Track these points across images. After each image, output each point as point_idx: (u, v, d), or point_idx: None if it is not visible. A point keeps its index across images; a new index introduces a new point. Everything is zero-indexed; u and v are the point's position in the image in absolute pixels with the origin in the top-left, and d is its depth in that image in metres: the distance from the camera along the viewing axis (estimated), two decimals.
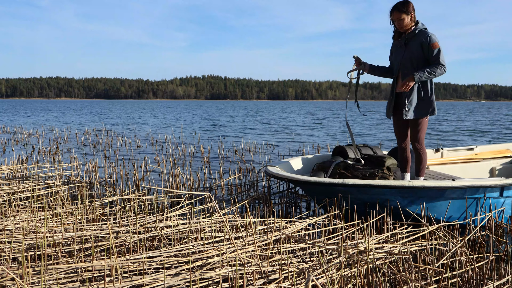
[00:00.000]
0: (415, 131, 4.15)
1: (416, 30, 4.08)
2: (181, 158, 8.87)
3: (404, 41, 4.16)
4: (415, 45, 4.05)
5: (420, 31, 4.07)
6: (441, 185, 3.74)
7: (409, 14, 4.05)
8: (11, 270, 2.47)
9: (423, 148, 4.18)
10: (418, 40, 4.04)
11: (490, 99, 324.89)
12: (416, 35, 4.08)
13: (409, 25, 4.09)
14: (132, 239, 3.01)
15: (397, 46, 4.25)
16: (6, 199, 4.23)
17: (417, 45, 4.04)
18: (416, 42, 4.06)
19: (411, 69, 4.09)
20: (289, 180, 3.96)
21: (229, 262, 2.61)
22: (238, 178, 6.29)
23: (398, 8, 4.05)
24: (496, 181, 3.83)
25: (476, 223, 3.89)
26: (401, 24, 4.09)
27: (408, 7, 4.04)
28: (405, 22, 4.07)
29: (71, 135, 14.57)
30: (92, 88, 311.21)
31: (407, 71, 4.11)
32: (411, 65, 4.09)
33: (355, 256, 2.57)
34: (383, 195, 3.82)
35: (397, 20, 4.09)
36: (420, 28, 4.08)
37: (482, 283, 2.66)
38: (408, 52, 4.10)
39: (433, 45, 3.98)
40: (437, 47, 3.98)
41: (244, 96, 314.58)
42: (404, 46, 4.16)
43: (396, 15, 4.07)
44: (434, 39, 3.99)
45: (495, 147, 5.75)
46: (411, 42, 4.10)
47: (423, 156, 4.19)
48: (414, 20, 4.10)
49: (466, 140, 13.94)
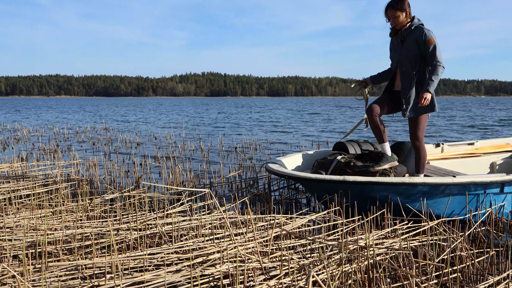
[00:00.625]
0: (414, 128, 4.13)
1: (412, 26, 4.04)
2: (181, 155, 8.87)
3: (400, 38, 4.13)
4: (411, 41, 4.01)
5: (416, 27, 4.02)
6: (441, 181, 3.74)
7: (404, 11, 4.01)
8: (11, 267, 2.47)
9: (422, 145, 4.17)
10: (414, 36, 4.00)
11: (490, 94, 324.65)
12: (412, 31, 4.04)
13: (404, 22, 4.06)
14: (133, 236, 3.01)
15: (394, 43, 4.21)
16: (7, 197, 4.23)
17: (413, 41, 3.99)
18: (412, 39, 4.01)
19: (409, 67, 4.06)
20: (290, 177, 3.96)
21: (230, 258, 2.62)
22: (238, 175, 6.29)
23: (392, 6, 4.02)
24: (497, 177, 3.82)
25: (477, 218, 3.89)
26: (396, 21, 4.06)
27: (402, 4, 4.00)
28: (400, 19, 4.04)
29: (71, 133, 14.56)
30: (91, 85, 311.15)
31: (405, 69, 4.08)
32: (409, 62, 4.05)
33: (355, 252, 2.57)
34: (383, 192, 3.82)
35: (392, 18, 4.06)
36: (416, 24, 4.04)
37: (482, 278, 2.67)
38: (405, 49, 4.06)
39: (429, 41, 3.92)
40: (433, 43, 3.92)
41: (244, 93, 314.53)
42: (401, 44, 4.12)
43: (391, 13, 4.04)
44: (429, 35, 3.94)
45: (496, 142, 5.75)
46: (407, 39, 4.06)
47: (422, 154, 4.18)
48: (410, 17, 4.07)
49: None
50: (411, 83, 4.06)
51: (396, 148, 4.66)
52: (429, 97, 3.95)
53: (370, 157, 4.45)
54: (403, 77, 4.12)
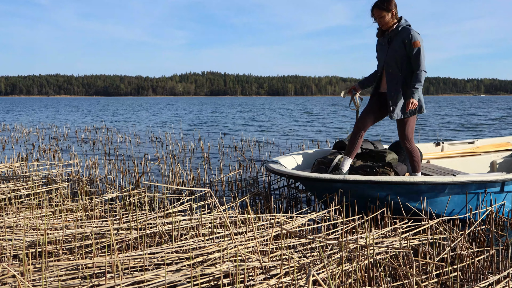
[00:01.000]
0: (402, 130, 4.09)
1: (399, 27, 3.96)
2: (181, 155, 8.87)
3: (387, 39, 4.05)
4: (398, 43, 3.94)
5: (403, 28, 3.95)
6: (442, 180, 3.74)
7: (390, 11, 3.93)
8: (12, 267, 2.47)
9: (412, 145, 4.13)
10: (401, 37, 3.93)
11: (489, 93, 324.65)
12: (399, 32, 3.96)
13: (390, 23, 3.98)
14: (133, 235, 3.01)
15: (382, 44, 4.13)
16: (7, 197, 4.23)
17: (400, 43, 3.93)
18: (398, 40, 3.94)
19: (396, 68, 3.99)
20: (290, 176, 3.96)
21: (230, 258, 2.62)
22: (238, 174, 6.29)
23: (378, 6, 3.94)
24: (497, 176, 3.82)
25: (477, 217, 3.89)
26: (382, 21, 3.98)
27: (388, 4, 3.92)
28: (385, 20, 3.96)
29: (70, 133, 14.56)
30: (91, 85, 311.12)
31: (391, 70, 4.02)
32: (395, 64, 3.98)
33: (355, 251, 2.57)
34: (384, 191, 3.82)
35: (378, 18, 3.98)
36: (403, 25, 3.97)
37: (482, 276, 2.67)
38: (392, 50, 3.99)
39: (414, 44, 3.86)
40: (418, 45, 3.85)
41: (244, 92, 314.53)
42: (388, 44, 4.05)
43: (377, 13, 3.96)
44: (415, 37, 3.86)
45: (496, 141, 5.75)
46: (394, 40, 3.99)
47: (414, 153, 4.14)
48: (397, 17, 4.00)
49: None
50: (397, 84, 3.99)
51: (396, 147, 4.67)
52: (416, 102, 3.91)
53: (370, 156, 4.45)
54: (389, 79, 4.06)
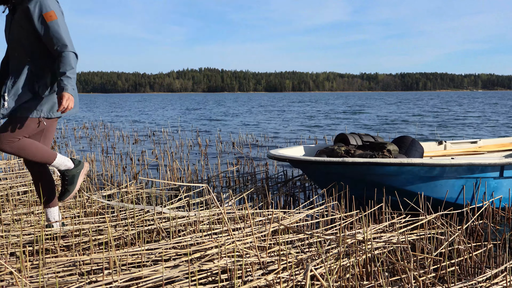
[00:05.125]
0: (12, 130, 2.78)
1: None
2: (178, 151, 8.86)
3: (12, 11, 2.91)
4: (22, 16, 2.80)
5: None
6: (440, 162, 3.74)
7: None
8: (9, 264, 2.47)
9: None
10: (24, 8, 2.78)
11: (487, 89, 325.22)
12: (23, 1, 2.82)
13: None
14: (130, 232, 3.01)
15: (9, 18, 2.94)
16: (4, 194, 4.22)
17: (24, 15, 2.79)
18: (22, 12, 2.80)
19: (23, 54, 2.84)
20: (291, 160, 3.98)
21: (228, 253, 2.62)
22: (236, 170, 6.29)
23: None
24: (496, 159, 3.81)
25: (475, 210, 3.90)
26: None
27: None
28: None
29: (67, 129, 14.53)
30: (88, 82, 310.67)
31: (17, 54, 2.86)
32: (22, 47, 2.84)
33: (353, 246, 2.57)
34: (381, 175, 3.82)
35: None
36: None
37: (480, 271, 2.67)
38: (15, 26, 2.85)
39: (46, 16, 2.74)
40: (54, 18, 2.75)
41: (242, 89, 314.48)
42: (12, 17, 2.89)
43: None
44: (48, 7, 2.75)
45: (499, 141, 5.76)
46: (17, 11, 2.84)
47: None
48: None
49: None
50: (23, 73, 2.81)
51: (398, 141, 4.74)
52: (72, 99, 2.73)
53: (371, 148, 4.50)
54: (14, 65, 2.88)
